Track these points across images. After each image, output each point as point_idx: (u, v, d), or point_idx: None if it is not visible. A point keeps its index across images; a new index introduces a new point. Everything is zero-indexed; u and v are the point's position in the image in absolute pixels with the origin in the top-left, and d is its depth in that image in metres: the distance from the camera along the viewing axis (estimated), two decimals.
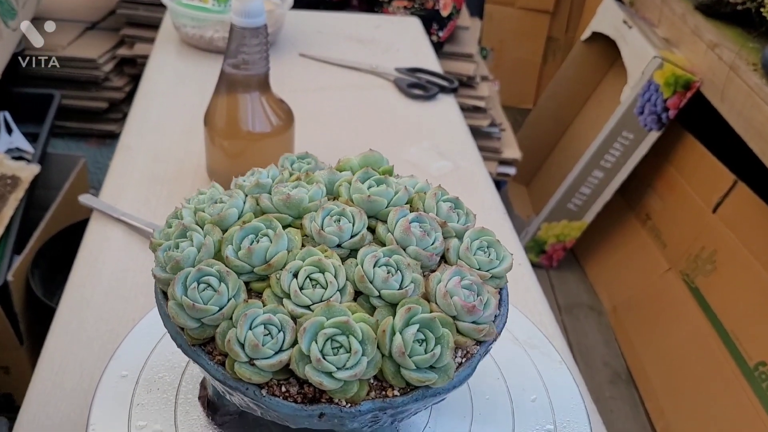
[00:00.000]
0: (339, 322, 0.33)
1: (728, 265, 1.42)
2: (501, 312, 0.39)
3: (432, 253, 0.38)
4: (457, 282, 0.36)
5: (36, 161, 1.19)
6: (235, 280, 0.36)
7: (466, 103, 1.57)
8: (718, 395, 1.33)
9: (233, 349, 0.33)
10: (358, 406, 0.34)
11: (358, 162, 0.45)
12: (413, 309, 0.34)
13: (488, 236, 0.40)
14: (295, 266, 0.36)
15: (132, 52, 1.56)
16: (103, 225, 0.71)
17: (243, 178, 0.43)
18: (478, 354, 0.37)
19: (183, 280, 0.36)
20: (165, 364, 0.48)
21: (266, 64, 0.71)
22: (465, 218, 0.42)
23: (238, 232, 0.37)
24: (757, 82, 1.25)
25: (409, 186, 0.42)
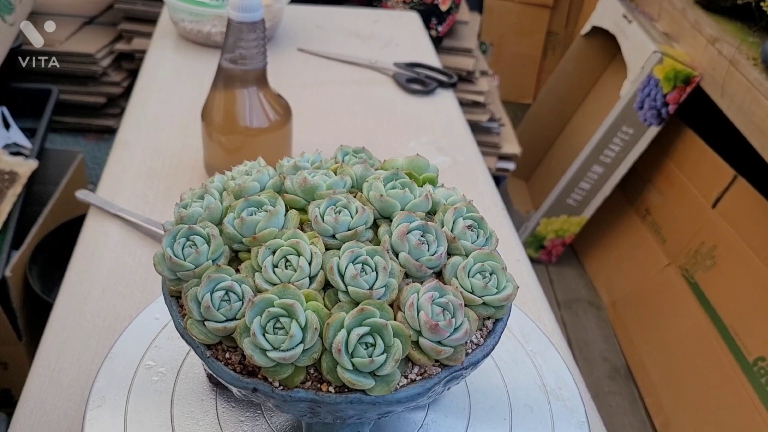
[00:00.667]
0: (286, 304, 0.33)
1: (728, 261, 1.42)
2: (484, 343, 0.37)
3: (422, 264, 0.37)
4: (430, 297, 0.35)
5: (34, 156, 1.19)
6: (219, 245, 0.38)
7: (466, 98, 1.56)
8: (717, 390, 1.34)
9: (189, 305, 0.35)
10: (290, 391, 0.34)
11: (402, 164, 0.44)
12: (368, 311, 0.34)
13: (493, 261, 0.38)
14: (275, 244, 0.36)
15: (130, 46, 1.55)
16: (101, 221, 0.71)
17: (288, 159, 0.45)
18: (438, 377, 0.35)
19: (174, 234, 0.38)
20: (162, 360, 0.48)
21: (264, 59, 0.70)
22: (485, 240, 0.40)
23: (242, 203, 0.39)
24: (757, 77, 1.25)
25: (442, 196, 0.41)
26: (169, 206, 0.73)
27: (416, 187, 0.41)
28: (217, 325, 0.34)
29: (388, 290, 0.35)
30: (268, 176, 0.42)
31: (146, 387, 0.46)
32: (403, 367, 0.35)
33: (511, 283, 0.38)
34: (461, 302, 0.35)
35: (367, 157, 0.46)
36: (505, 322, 0.39)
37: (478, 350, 0.37)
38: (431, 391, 0.35)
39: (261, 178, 0.42)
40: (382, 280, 0.35)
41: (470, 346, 0.37)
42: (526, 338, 0.52)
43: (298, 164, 0.44)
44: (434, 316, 0.34)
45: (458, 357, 0.35)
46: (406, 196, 0.40)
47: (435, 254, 0.37)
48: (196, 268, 0.37)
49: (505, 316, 0.38)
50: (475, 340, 0.37)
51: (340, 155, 0.46)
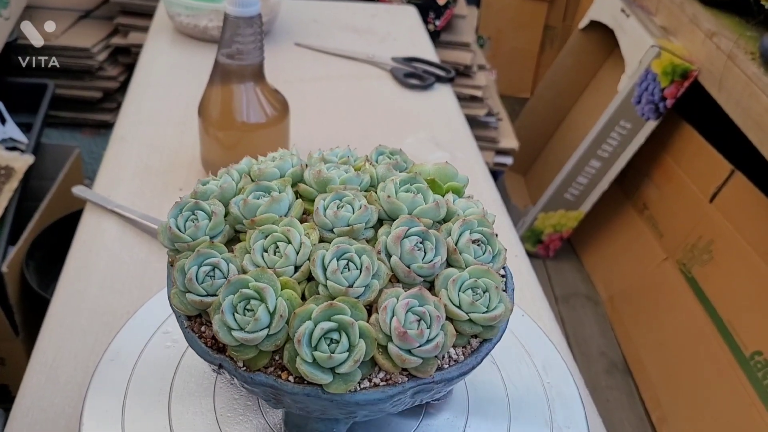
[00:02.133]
0: (258, 288, 0.34)
1: (725, 255, 1.42)
2: (464, 361, 0.36)
3: (411, 271, 0.36)
4: (406, 304, 0.34)
5: (30, 152, 1.19)
6: (219, 223, 0.39)
7: (463, 93, 1.56)
8: (714, 385, 1.34)
9: (175, 274, 0.36)
10: (251, 373, 0.34)
11: (429, 170, 0.43)
12: (337, 307, 0.33)
13: (489, 279, 0.36)
14: (268, 230, 0.37)
15: (126, 41, 1.54)
16: (97, 217, 0.70)
17: (325, 151, 0.46)
18: (402, 386, 0.34)
19: (181, 206, 0.39)
20: (159, 358, 0.48)
21: (261, 53, 0.70)
22: (491, 257, 0.39)
23: (252, 186, 0.40)
24: (755, 71, 1.25)
25: (461, 207, 0.40)
26: (166, 202, 0.73)
27: (431, 194, 0.40)
28: (195, 297, 0.35)
29: (368, 290, 0.35)
30: (290, 164, 0.43)
31: (144, 384, 0.45)
32: (368, 370, 0.34)
33: (503, 304, 0.36)
34: (440, 315, 0.34)
35: (402, 160, 0.45)
36: (493, 343, 0.37)
37: (455, 367, 0.35)
38: (394, 400, 0.34)
39: (283, 166, 0.43)
40: (363, 279, 0.35)
41: (447, 362, 0.35)
42: (524, 335, 0.52)
43: (325, 157, 0.44)
44: (406, 323, 0.33)
45: (427, 370, 0.34)
46: (416, 200, 0.39)
47: (429, 263, 0.36)
48: (193, 241, 0.38)
49: (494, 337, 0.37)
50: (454, 356, 0.36)
51: (375, 155, 0.46)
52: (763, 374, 1.25)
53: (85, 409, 0.44)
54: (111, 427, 0.42)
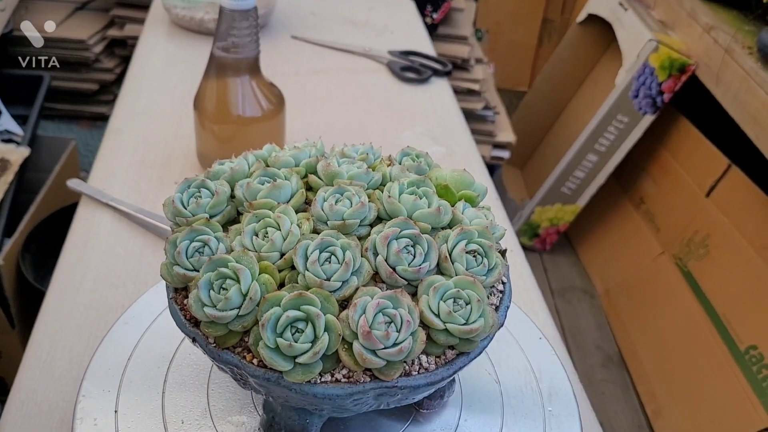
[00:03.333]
0: (235, 268, 0.34)
1: (721, 250, 1.43)
2: (434, 370, 0.35)
3: (393, 272, 0.36)
4: (377, 305, 0.33)
5: (26, 144, 1.18)
6: (221, 202, 0.39)
7: (461, 86, 1.56)
8: (709, 378, 1.34)
9: (167, 248, 0.37)
10: (219, 350, 0.35)
11: (445, 175, 0.42)
12: (307, 297, 0.33)
13: (473, 291, 0.35)
14: (262, 214, 0.38)
15: (122, 33, 1.54)
16: (92, 210, 0.70)
17: (348, 146, 0.46)
18: (363, 386, 0.34)
19: (189, 183, 0.40)
20: (154, 352, 0.48)
21: (256, 47, 0.70)
22: (486, 270, 0.37)
23: (260, 171, 0.41)
24: (753, 66, 1.24)
25: (468, 216, 0.39)
26: (162, 196, 0.73)
27: (435, 199, 0.39)
28: (181, 270, 0.36)
29: (345, 286, 0.35)
30: (308, 155, 0.43)
31: (137, 378, 0.45)
32: (332, 365, 0.34)
33: (484, 319, 0.35)
34: (411, 320, 0.33)
35: (426, 163, 0.44)
36: (469, 358, 0.36)
37: (422, 376, 0.35)
38: (354, 398, 0.34)
39: (299, 155, 0.43)
40: (341, 273, 0.35)
41: (417, 368, 0.35)
42: (518, 329, 0.52)
43: (345, 152, 0.44)
44: (374, 323, 0.33)
45: (391, 373, 0.34)
46: (417, 203, 0.38)
47: (414, 267, 0.36)
48: (192, 217, 0.39)
49: (472, 351, 0.36)
50: (425, 364, 0.35)
51: (400, 156, 0.45)
52: (757, 368, 1.25)
53: (78, 403, 0.44)
54: (104, 420, 0.42)
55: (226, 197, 0.40)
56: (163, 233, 0.67)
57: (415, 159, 0.45)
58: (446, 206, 0.39)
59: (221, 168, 0.42)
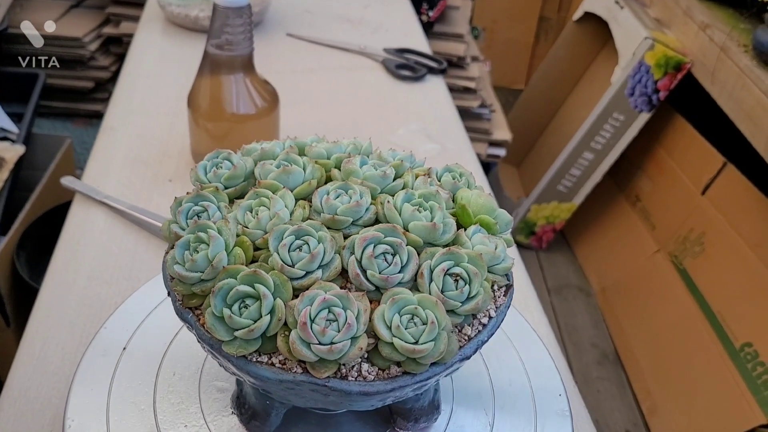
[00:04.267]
0: (210, 235, 0.35)
1: (716, 247, 1.43)
2: (371, 381, 0.34)
3: (358, 274, 0.35)
4: (322, 300, 0.33)
5: (21, 142, 1.18)
6: (238, 176, 0.41)
7: (456, 84, 1.56)
8: (704, 376, 1.35)
9: (173, 205, 0.39)
10: (182, 308, 0.36)
11: (467, 196, 0.41)
12: (261, 276, 0.34)
13: (432, 311, 0.34)
14: (261, 193, 0.39)
15: (118, 30, 1.54)
16: (86, 208, 0.70)
17: (389, 150, 0.46)
18: (294, 376, 0.34)
19: (217, 154, 0.43)
20: (145, 348, 0.48)
21: (250, 44, 0.70)
22: (464, 296, 0.35)
23: (283, 155, 0.42)
24: (748, 64, 1.25)
25: (473, 240, 0.38)
26: (156, 193, 0.73)
27: (440, 215, 0.38)
28: (176, 229, 0.38)
29: (307, 276, 0.35)
30: (342, 150, 0.44)
31: (129, 374, 0.46)
32: (272, 347, 0.34)
33: (435, 343, 0.34)
34: (351, 323, 0.33)
35: (467, 183, 0.43)
36: (415, 380, 0.34)
37: (357, 383, 0.34)
38: (287, 386, 0.34)
39: (333, 149, 0.44)
40: (306, 263, 0.35)
41: (355, 375, 0.34)
42: (511, 326, 0.53)
43: (382, 155, 0.44)
44: (316, 318, 0.33)
45: (321, 370, 0.33)
46: (415, 215, 0.38)
47: (383, 274, 0.35)
48: (207, 183, 0.41)
49: (419, 374, 0.34)
50: (365, 372, 0.34)
51: (441, 171, 0.44)
52: (752, 365, 1.25)
53: (70, 399, 0.44)
54: (95, 417, 0.42)
55: (244, 172, 0.41)
56: (156, 230, 0.66)
57: (457, 177, 0.43)
58: (449, 224, 0.38)
59: (254, 146, 0.43)
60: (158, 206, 0.70)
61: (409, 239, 0.37)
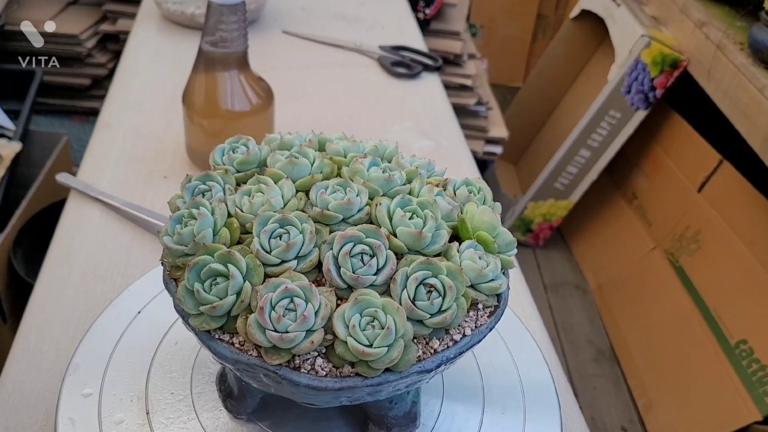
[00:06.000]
0: (199, 212, 0.37)
1: (712, 245, 1.43)
2: (319, 376, 0.34)
3: (330, 270, 0.35)
4: (284, 290, 0.33)
5: (17, 139, 1.18)
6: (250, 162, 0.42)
7: (453, 82, 1.56)
8: (700, 373, 1.35)
9: (183, 182, 0.41)
10: (167, 277, 0.38)
11: (473, 211, 0.40)
12: (234, 258, 0.35)
13: (392, 316, 0.33)
14: (262, 180, 0.40)
15: (115, 27, 1.54)
16: (81, 204, 0.70)
17: (411, 157, 0.46)
18: (248, 357, 0.34)
19: (237, 140, 0.44)
20: (138, 344, 0.48)
21: (245, 41, 0.70)
22: (434, 309, 0.35)
23: (297, 148, 0.42)
24: (744, 62, 1.25)
25: (458, 254, 0.37)
26: (151, 190, 0.73)
27: (431, 225, 0.37)
28: (179, 203, 0.39)
29: (282, 264, 0.36)
30: (361, 149, 0.44)
31: (121, 370, 0.46)
32: (232, 327, 0.35)
33: (389, 349, 0.33)
34: (307, 315, 0.33)
35: (479, 198, 0.42)
36: (366, 383, 0.34)
37: (307, 377, 0.34)
38: (241, 368, 0.35)
39: (351, 147, 0.44)
40: (281, 252, 0.35)
41: (308, 368, 0.34)
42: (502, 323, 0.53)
43: (399, 161, 0.44)
44: (276, 306, 0.33)
45: (272, 357, 0.33)
46: (403, 220, 0.37)
47: (355, 273, 0.35)
48: (220, 165, 0.42)
49: (370, 377, 0.34)
50: (318, 367, 0.34)
51: (458, 183, 0.43)
52: (747, 362, 1.26)
53: (62, 394, 0.44)
54: (87, 411, 0.43)
55: (258, 159, 0.42)
56: (151, 227, 0.67)
57: (474, 191, 0.42)
58: (440, 235, 0.37)
59: (275, 136, 0.45)
60: (153, 203, 0.71)
61: (392, 244, 0.36)
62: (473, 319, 0.37)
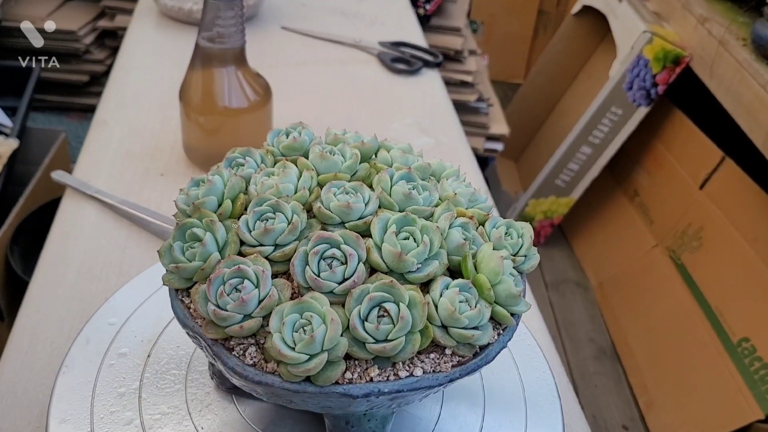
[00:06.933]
0: (207, 180, 0.38)
1: (714, 242, 1.42)
2: (245, 367, 0.33)
3: (295, 264, 0.34)
4: (236, 269, 0.33)
5: (15, 136, 1.17)
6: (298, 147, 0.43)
7: (454, 78, 1.55)
8: (702, 371, 1.35)
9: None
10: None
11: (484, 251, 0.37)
12: (214, 227, 0.36)
13: (324, 328, 0.32)
14: (287, 165, 0.40)
15: (113, 24, 1.53)
16: (77, 202, 0.70)
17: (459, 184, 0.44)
18: (200, 332, 0.34)
19: (280, 130, 0.44)
20: (132, 345, 0.47)
21: (242, 37, 0.69)
22: (383, 336, 0.33)
23: (343, 146, 0.42)
24: (746, 58, 1.24)
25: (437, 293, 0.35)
26: (147, 188, 0.72)
27: (420, 250, 0.35)
28: (214, 170, 0.40)
29: (258, 247, 0.36)
30: (407, 162, 0.43)
31: (114, 371, 0.45)
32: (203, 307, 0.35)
33: (312, 358, 0.32)
34: (246, 300, 0.33)
35: (518, 244, 0.39)
36: (283, 387, 0.32)
37: (232, 358, 0.33)
38: (186, 331, 0.36)
39: (400, 158, 0.43)
40: (259, 234, 0.35)
41: (240, 353, 0.34)
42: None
43: (445, 183, 0.42)
44: (226, 281, 0.33)
45: (210, 330, 0.34)
46: (391, 239, 0.35)
47: (314, 275, 0.34)
48: (270, 147, 0.44)
49: (292, 382, 0.33)
50: (248, 354, 0.34)
51: (500, 222, 0.40)
52: (749, 361, 1.25)
53: (54, 395, 0.43)
54: (79, 413, 0.42)
55: (302, 147, 0.43)
56: (147, 225, 0.66)
57: (513, 236, 0.39)
58: (429, 264, 0.35)
59: (334, 132, 0.45)
60: (149, 201, 0.70)
61: (371, 259, 0.35)
62: (433, 362, 0.34)
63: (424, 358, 0.34)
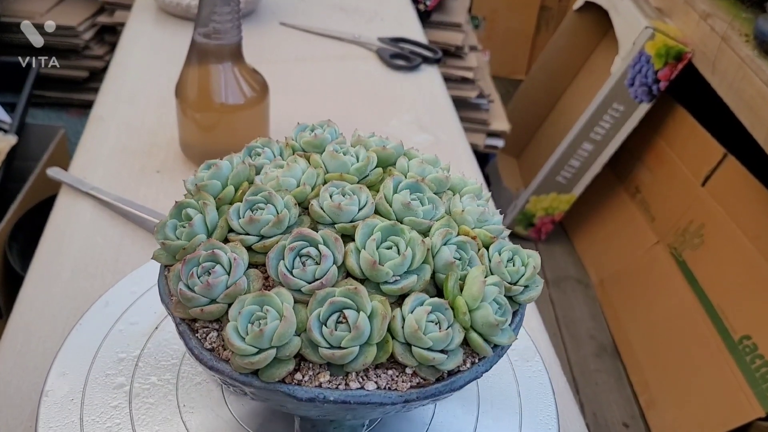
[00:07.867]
0: (216, 166, 0.38)
1: (716, 239, 1.42)
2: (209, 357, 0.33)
3: (270, 258, 0.34)
4: (211, 253, 0.34)
5: (13, 132, 1.17)
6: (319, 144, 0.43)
7: (454, 74, 1.54)
8: (703, 368, 1.34)
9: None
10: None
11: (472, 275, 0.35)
12: (207, 210, 0.36)
13: (277, 323, 0.31)
14: (297, 161, 0.40)
15: (112, 19, 1.52)
16: (72, 199, 0.69)
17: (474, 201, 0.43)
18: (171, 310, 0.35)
19: (306, 125, 0.45)
20: (123, 345, 0.47)
21: (239, 33, 0.68)
22: (337, 342, 0.32)
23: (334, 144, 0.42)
24: (749, 54, 1.23)
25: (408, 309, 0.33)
26: (143, 185, 0.72)
27: (397, 261, 0.34)
28: (232, 155, 0.41)
29: (244, 236, 0.36)
30: (424, 172, 0.43)
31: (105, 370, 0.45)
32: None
33: (253, 350, 0.31)
34: (212, 284, 0.33)
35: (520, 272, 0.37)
36: (231, 377, 0.32)
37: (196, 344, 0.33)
38: (165, 310, 0.36)
39: (417, 168, 0.42)
40: (246, 222, 0.35)
41: (201, 336, 0.34)
42: None
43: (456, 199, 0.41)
44: (200, 264, 0.34)
45: (179, 309, 0.34)
46: (371, 245, 0.34)
47: (284, 270, 0.33)
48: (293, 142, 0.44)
49: (240, 372, 0.32)
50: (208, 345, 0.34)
51: (505, 248, 0.39)
52: (751, 358, 1.25)
53: (43, 394, 0.43)
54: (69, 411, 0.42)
55: (323, 144, 0.43)
56: (143, 223, 0.66)
57: (518, 264, 0.37)
58: (405, 278, 0.34)
59: (359, 133, 0.45)
60: (145, 198, 0.69)
61: (348, 264, 0.34)
62: (390, 378, 0.33)
63: (380, 373, 0.33)
